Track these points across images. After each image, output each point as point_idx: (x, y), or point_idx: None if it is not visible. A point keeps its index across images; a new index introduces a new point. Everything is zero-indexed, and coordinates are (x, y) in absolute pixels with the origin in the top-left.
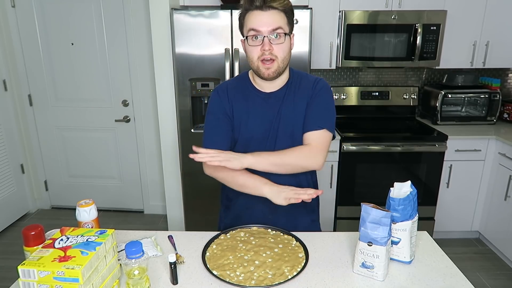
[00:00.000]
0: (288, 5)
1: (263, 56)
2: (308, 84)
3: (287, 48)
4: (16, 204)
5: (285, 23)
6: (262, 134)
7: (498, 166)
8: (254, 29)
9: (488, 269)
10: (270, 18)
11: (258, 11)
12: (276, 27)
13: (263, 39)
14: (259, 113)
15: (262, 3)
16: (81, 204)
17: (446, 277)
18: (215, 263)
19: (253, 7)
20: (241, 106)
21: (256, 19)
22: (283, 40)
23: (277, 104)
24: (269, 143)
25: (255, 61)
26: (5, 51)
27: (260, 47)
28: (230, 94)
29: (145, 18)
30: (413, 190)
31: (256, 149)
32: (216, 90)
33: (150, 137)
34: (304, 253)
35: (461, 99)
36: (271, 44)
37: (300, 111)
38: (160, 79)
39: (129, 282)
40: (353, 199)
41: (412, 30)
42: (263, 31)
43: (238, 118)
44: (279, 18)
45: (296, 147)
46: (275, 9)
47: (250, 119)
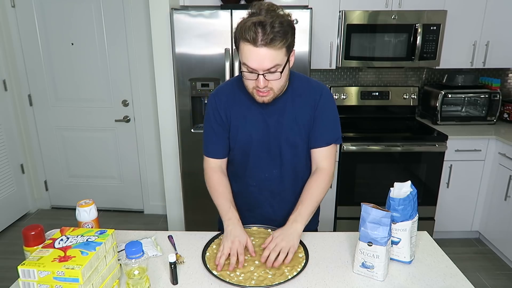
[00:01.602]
0: (286, 41)
1: (258, 88)
2: (312, 92)
3: (285, 77)
4: (16, 204)
5: (283, 55)
6: (260, 141)
7: (498, 166)
8: (247, 65)
9: (488, 269)
10: (266, 57)
11: (251, 46)
12: (273, 65)
13: (258, 76)
14: (256, 120)
15: (256, 40)
16: (81, 204)
17: (446, 277)
18: (215, 263)
19: (245, 40)
20: (238, 111)
21: (251, 56)
22: (279, 76)
23: (277, 112)
24: (273, 152)
25: (250, 88)
26: (5, 51)
27: (255, 82)
28: (227, 99)
29: (145, 18)
30: (413, 190)
31: (256, 157)
32: (213, 95)
33: (150, 137)
34: (304, 253)
35: (461, 99)
36: (266, 80)
37: (303, 120)
38: (160, 79)
39: (129, 282)
40: (353, 199)
41: (412, 30)
42: (257, 70)
43: (235, 122)
44: (276, 56)
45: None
46: (272, 49)
47: (248, 125)
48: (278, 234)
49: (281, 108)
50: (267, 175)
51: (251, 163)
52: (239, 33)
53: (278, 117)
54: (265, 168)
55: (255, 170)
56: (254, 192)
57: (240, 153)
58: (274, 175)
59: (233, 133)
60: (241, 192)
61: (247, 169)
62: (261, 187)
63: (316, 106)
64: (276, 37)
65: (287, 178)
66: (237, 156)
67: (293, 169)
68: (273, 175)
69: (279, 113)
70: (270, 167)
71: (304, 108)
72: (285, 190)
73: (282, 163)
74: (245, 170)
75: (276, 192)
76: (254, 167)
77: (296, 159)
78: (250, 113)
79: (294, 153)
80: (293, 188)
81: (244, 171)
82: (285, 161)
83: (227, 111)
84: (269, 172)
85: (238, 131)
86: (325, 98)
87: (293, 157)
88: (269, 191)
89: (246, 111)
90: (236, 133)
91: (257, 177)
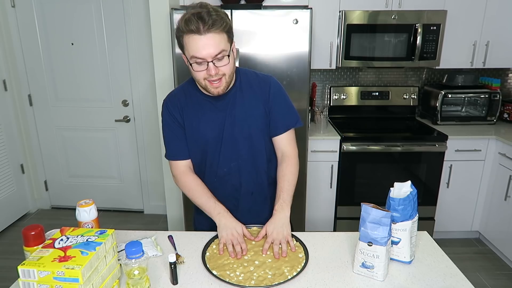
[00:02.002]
0: (226, 26)
1: (210, 78)
2: (261, 84)
3: (232, 63)
4: (16, 204)
5: (226, 41)
6: (216, 137)
7: (498, 166)
8: (196, 57)
9: (488, 269)
10: (211, 43)
11: (195, 35)
12: (219, 51)
13: (207, 64)
14: (210, 117)
15: (199, 28)
16: (81, 204)
17: (446, 277)
18: (215, 263)
19: (188, 32)
20: (191, 112)
21: (196, 45)
22: (227, 61)
23: (228, 107)
24: (228, 146)
25: (202, 81)
26: (5, 51)
27: (206, 71)
28: (179, 101)
29: (145, 18)
30: (413, 190)
31: (214, 153)
32: (165, 101)
33: (150, 137)
34: (304, 253)
35: (461, 99)
36: (217, 67)
37: (256, 112)
38: (160, 79)
39: (129, 282)
40: (353, 199)
41: (412, 30)
42: (206, 58)
43: (189, 124)
44: (220, 40)
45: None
46: (215, 33)
47: (202, 124)
48: (271, 230)
49: (231, 102)
50: (226, 169)
51: (209, 159)
52: (182, 27)
53: (230, 111)
54: (223, 163)
55: (214, 166)
56: (216, 188)
57: (198, 152)
58: (233, 168)
59: (189, 133)
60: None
61: (207, 166)
62: (222, 182)
63: (268, 98)
64: (216, 22)
65: (247, 170)
66: (195, 154)
67: (252, 160)
68: (232, 169)
69: (231, 107)
70: (228, 162)
71: (255, 100)
72: (246, 182)
73: (240, 155)
74: (205, 167)
75: (237, 185)
76: (213, 163)
77: (253, 151)
78: (202, 111)
79: (250, 144)
80: (254, 180)
81: (204, 168)
82: (242, 153)
83: (181, 112)
84: (227, 166)
85: (194, 131)
86: (274, 88)
87: (249, 149)
88: (230, 185)
89: (199, 110)
90: (192, 133)
91: (217, 172)
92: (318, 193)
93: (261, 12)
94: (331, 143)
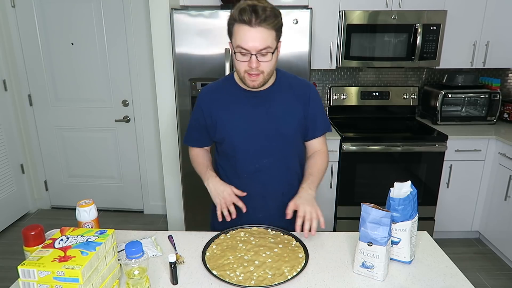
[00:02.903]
0: (277, 23)
1: (250, 71)
2: (301, 87)
3: (274, 61)
4: (16, 204)
5: (274, 39)
6: (249, 132)
7: (498, 166)
8: (241, 47)
9: (488, 269)
10: (259, 38)
11: (246, 26)
12: (265, 47)
13: (251, 56)
14: (244, 112)
15: (251, 20)
16: (81, 204)
17: (446, 277)
18: (215, 263)
19: (241, 21)
20: (225, 106)
21: (245, 36)
22: (270, 58)
23: (266, 104)
24: (262, 143)
25: (242, 72)
26: (5, 51)
27: (248, 63)
28: (213, 96)
29: (145, 18)
30: (413, 190)
31: (246, 148)
32: (200, 93)
33: (150, 137)
34: (304, 253)
35: (461, 99)
36: (258, 62)
37: (293, 112)
38: (160, 79)
39: (129, 282)
40: (353, 199)
41: (412, 30)
42: (250, 50)
43: (221, 118)
44: (268, 36)
45: (319, 158)
46: (264, 28)
47: (235, 118)
48: (301, 201)
49: (269, 99)
50: (258, 165)
51: (241, 154)
52: (236, 16)
53: (267, 108)
54: (255, 159)
55: (244, 162)
56: (246, 184)
57: (229, 147)
58: (265, 165)
59: (221, 126)
60: (233, 185)
61: (237, 161)
62: (253, 178)
63: (308, 102)
64: (268, 18)
65: (279, 169)
66: (226, 149)
67: (285, 159)
68: (264, 166)
69: (268, 105)
70: (260, 158)
71: (294, 101)
72: (277, 181)
73: (272, 153)
74: (235, 162)
75: (267, 183)
76: (243, 159)
77: (287, 150)
78: (238, 106)
79: (284, 143)
80: (285, 179)
81: (234, 163)
82: (276, 151)
83: (211, 106)
84: (259, 163)
85: (226, 123)
86: (314, 93)
87: (283, 148)
88: (260, 182)
89: (234, 104)
90: (223, 126)
91: (248, 168)
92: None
93: None
94: (331, 143)
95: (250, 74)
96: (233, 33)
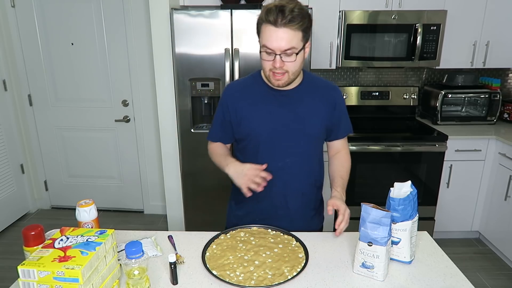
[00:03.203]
0: (303, 24)
1: (274, 70)
2: (328, 89)
3: (299, 62)
4: (16, 204)
5: (300, 39)
6: (273, 130)
7: (498, 166)
8: (266, 47)
9: (488, 269)
10: (284, 38)
11: (272, 27)
12: (289, 47)
13: (275, 56)
14: (269, 110)
15: (277, 20)
16: (81, 204)
17: (446, 277)
18: (215, 263)
19: (267, 21)
20: (250, 103)
21: (270, 37)
22: (294, 58)
23: (292, 103)
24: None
25: (267, 71)
26: (5, 51)
27: (272, 62)
28: (239, 93)
29: (145, 18)
30: (413, 190)
31: (270, 146)
32: (225, 88)
33: (150, 137)
34: (304, 253)
35: (461, 99)
36: (283, 62)
37: (318, 113)
38: (160, 79)
39: (129, 282)
40: (353, 199)
41: (412, 30)
42: (274, 50)
43: (246, 114)
44: (293, 37)
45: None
46: (290, 29)
47: (261, 115)
48: (341, 202)
49: (295, 99)
50: (280, 164)
51: (264, 152)
52: (263, 16)
53: (293, 107)
54: (278, 158)
55: (267, 160)
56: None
57: (252, 144)
58: (287, 164)
59: (245, 123)
60: None
61: (259, 158)
62: (275, 177)
63: (334, 105)
64: (294, 19)
65: (301, 168)
66: (249, 146)
67: (307, 159)
68: (286, 165)
69: (294, 104)
70: (283, 157)
71: (320, 103)
72: (299, 180)
73: (295, 152)
74: (256, 159)
75: (289, 183)
76: (266, 157)
77: (309, 150)
78: (263, 103)
79: (307, 142)
80: (307, 179)
81: (256, 160)
82: (299, 151)
83: (236, 102)
84: (282, 161)
85: (250, 120)
86: (340, 97)
87: (306, 147)
88: (282, 181)
89: (259, 101)
90: (247, 123)
91: (270, 166)
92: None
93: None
94: None
95: (275, 73)
96: (260, 32)
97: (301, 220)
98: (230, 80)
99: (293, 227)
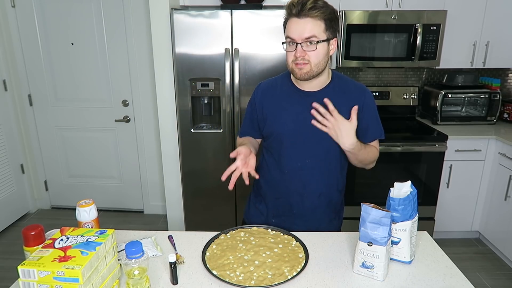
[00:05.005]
0: (326, 14)
1: (296, 61)
2: (357, 91)
3: (322, 53)
4: (16, 204)
5: (322, 30)
6: (297, 130)
7: (498, 166)
8: (289, 37)
9: (488, 269)
10: (304, 27)
11: (295, 18)
12: (309, 36)
13: (296, 46)
14: (296, 110)
15: (298, 11)
16: (81, 204)
17: (446, 277)
18: (215, 263)
19: (291, 15)
20: (277, 102)
21: (292, 27)
22: (315, 47)
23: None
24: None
25: (290, 63)
26: (5, 51)
27: (294, 53)
28: (267, 91)
29: (145, 18)
30: (413, 190)
31: (292, 145)
32: (258, 85)
33: (150, 137)
34: (304, 253)
35: (461, 99)
36: (304, 51)
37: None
38: (160, 79)
39: (129, 282)
40: (353, 199)
41: (412, 30)
42: (296, 39)
43: (271, 113)
44: (313, 26)
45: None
46: (311, 18)
47: (285, 115)
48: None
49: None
50: (300, 164)
51: (286, 151)
52: (286, 11)
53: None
54: (299, 157)
55: (288, 158)
56: (285, 180)
57: (275, 142)
58: (307, 165)
59: (270, 120)
60: (274, 180)
61: (281, 157)
62: (294, 176)
63: (361, 107)
64: (315, 8)
65: (320, 170)
66: (272, 144)
67: (328, 161)
68: (306, 165)
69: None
70: (304, 157)
71: (347, 106)
72: (317, 181)
73: (317, 153)
74: (279, 157)
75: (307, 183)
76: (288, 156)
77: (331, 152)
78: (289, 102)
79: (329, 145)
80: (326, 181)
81: (278, 158)
82: (320, 152)
83: (263, 100)
84: (302, 161)
85: (275, 118)
86: (369, 98)
87: (328, 149)
88: (300, 180)
89: (286, 100)
90: (273, 120)
91: (290, 166)
92: None
93: (261, 12)
94: None
95: (297, 64)
96: (285, 27)
97: (317, 221)
98: (230, 80)
99: (309, 227)
